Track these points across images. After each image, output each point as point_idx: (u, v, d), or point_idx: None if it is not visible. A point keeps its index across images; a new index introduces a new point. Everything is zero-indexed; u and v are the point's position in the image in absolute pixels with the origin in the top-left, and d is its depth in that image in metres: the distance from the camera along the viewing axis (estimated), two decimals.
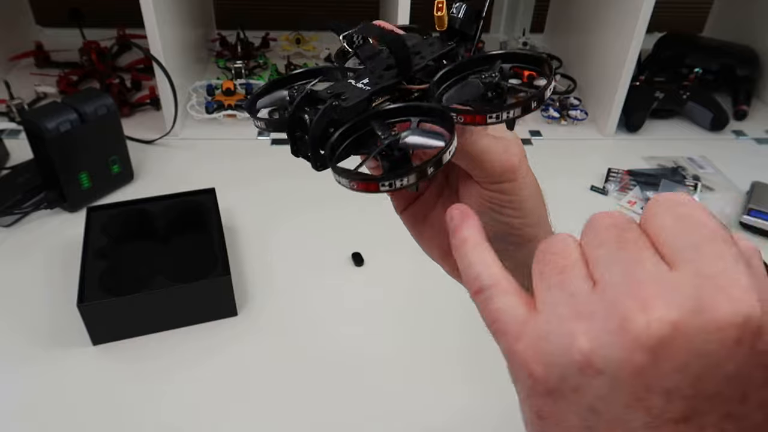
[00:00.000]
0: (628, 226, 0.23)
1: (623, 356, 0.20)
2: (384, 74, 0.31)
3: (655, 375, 0.20)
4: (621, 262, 0.22)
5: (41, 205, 0.80)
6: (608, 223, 0.23)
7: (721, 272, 0.21)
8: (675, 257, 0.21)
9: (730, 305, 0.20)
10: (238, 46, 1.22)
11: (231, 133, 1.00)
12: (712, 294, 0.20)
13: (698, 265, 0.21)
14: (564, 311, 0.22)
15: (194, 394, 0.60)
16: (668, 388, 0.20)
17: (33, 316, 0.66)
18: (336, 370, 0.63)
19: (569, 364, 0.22)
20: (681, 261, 0.21)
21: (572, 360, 0.21)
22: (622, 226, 0.23)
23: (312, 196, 0.84)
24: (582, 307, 0.22)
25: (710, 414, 0.21)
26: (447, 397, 0.60)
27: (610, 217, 0.24)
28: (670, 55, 1.21)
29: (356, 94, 0.29)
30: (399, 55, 0.30)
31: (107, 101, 0.80)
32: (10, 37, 1.17)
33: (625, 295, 0.21)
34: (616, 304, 0.21)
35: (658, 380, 0.20)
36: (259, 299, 0.70)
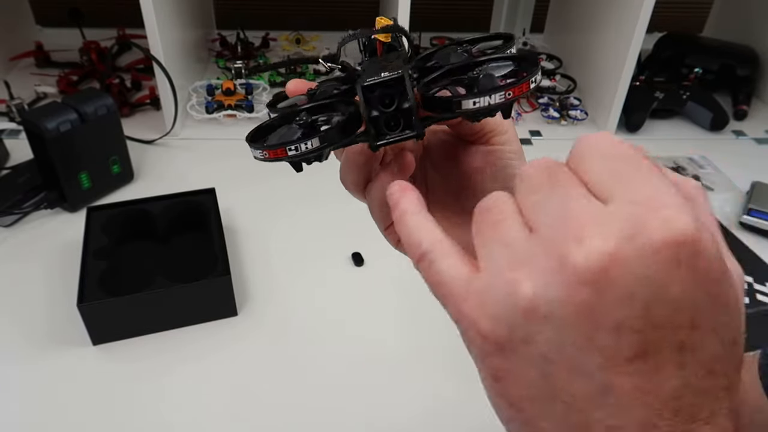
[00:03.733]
0: (558, 168, 0.23)
1: (566, 294, 0.20)
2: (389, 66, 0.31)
3: (601, 310, 0.20)
4: (554, 203, 0.22)
5: (41, 205, 0.80)
6: (537, 168, 0.23)
7: (650, 197, 0.20)
8: (605, 193, 0.21)
9: (663, 226, 0.19)
10: (238, 46, 1.22)
11: (231, 133, 1.00)
12: (645, 218, 0.20)
13: (628, 195, 0.21)
14: (503, 262, 0.22)
15: (194, 394, 0.60)
16: (616, 321, 0.20)
17: (33, 316, 0.66)
18: (336, 370, 0.63)
19: (515, 313, 0.21)
20: (611, 195, 0.21)
21: (517, 308, 0.21)
22: (552, 168, 0.23)
23: (312, 196, 0.84)
24: (520, 255, 0.22)
25: (664, 347, 0.20)
26: (448, 396, 0.60)
27: (538, 163, 0.24)
28: (670, 55, 1.21)
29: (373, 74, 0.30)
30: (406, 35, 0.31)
31: (107, 101, 0.80)
32: (10, 37, 1.17)
33: (561, 233, 0.21)
34: (553, 243, 0.21)
35: (606, 315, 0.20)
36: (259, 299, 0.70)
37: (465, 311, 0.23)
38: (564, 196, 0.22)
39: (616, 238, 0.20)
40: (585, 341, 0.20)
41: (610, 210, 0.21)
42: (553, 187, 0.22)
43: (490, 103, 0.27)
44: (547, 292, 0.20)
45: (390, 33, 0.32)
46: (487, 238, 0.23)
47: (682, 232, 0.19)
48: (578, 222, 0.21)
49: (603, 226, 0.20)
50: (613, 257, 0.19)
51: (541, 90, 1.13)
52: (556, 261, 0.20)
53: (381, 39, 0.32)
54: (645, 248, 0.19)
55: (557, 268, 0.20)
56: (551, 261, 0.20)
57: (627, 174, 0.21)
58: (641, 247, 0.19)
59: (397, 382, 0.62)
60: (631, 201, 0.20)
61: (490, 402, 0.24)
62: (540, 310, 0.21)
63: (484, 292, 0.22)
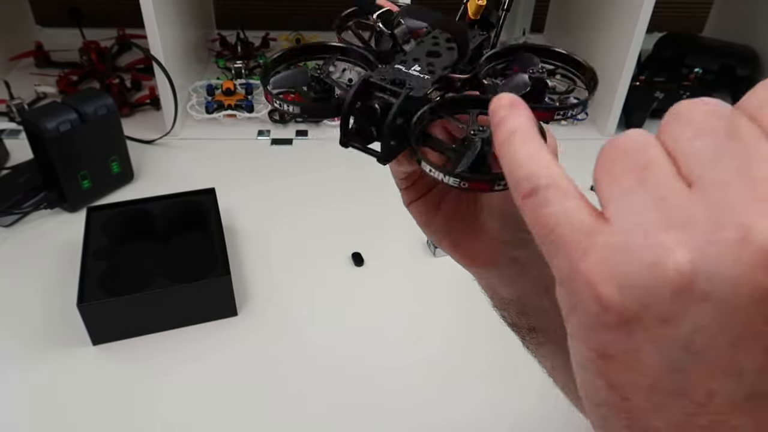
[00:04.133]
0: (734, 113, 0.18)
1: (740, 273, 0.16)
2: (433, 61, 0.30)
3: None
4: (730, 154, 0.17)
5: (41, 205, 0.80)
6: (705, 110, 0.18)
7: None
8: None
9: None
10: (238, 46, 1.22)
11: (231, 133, 1.00)
12: None
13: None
14: (651, 218, 0.17)
15: (194, 394, 0.60)
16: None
17: (33, 316, 0.66)
18: (336, 370, 0.63)
19: (659, 286, 0.17)
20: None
21: (664, 279, 0.16)
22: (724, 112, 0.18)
23: (312, 195, 0.84)
24: (677, 213, 0.17)
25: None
26: (448, 395, 0.60)
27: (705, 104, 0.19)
28: (670, 55, 1.21)
29: (420, 84, 0.29)
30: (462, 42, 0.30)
31: (107, 101, 0.80)
32: (10, 37, 1.17)
33: (743, 196, 0.16)
34: (729, 208, 0.16)
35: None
36: (259, 299, 0.70)
37: (582, 269, 0.18)
38: (744, 148, 0.17)
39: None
40: (750, 335, 0.16)
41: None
42: (732, 136, 0.17)
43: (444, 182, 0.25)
44: (712, 267, 0.16)
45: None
46: (629, 186, 0.18)
47: None
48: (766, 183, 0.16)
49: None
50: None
51: None
52: (734, 230, 0.16)
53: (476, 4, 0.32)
54: None
55: (734, 240, 0.16)
56: (726, 229, 0.16)
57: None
58: None
59: (397, 382, 0.62)
60: None
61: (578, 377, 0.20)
62: (697, 288, 0.16)
63: (615, 251, 0.17)
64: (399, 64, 0.30)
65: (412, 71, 0.30)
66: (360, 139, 0.29)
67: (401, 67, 0.30)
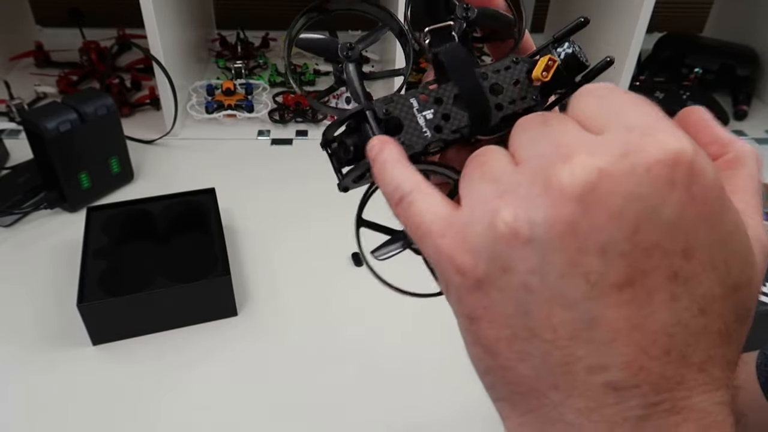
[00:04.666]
0: (552, 114, 0.22)
1: (550, 213, 0.19)
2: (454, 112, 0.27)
3: (587, 229, 0.18)
4: (545, 137, 0.21)
5: (41, 205, 0.80)
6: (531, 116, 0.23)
7: (647, 124, 0.19)
8: (600, 124, 0.20)
9: (657, 145, 0.18)
10: (238, 46, 1.22)
11: (231, 133, 1.00)
12: (638, 139, 0.19)
13: (623, 123, 0.20)
14: (487, 194, 0.21)
15: (194, 394, 0.60)
16: (603, 243, 0.18)
17: (33, 316, 0.66)
18: (336, 370, 0.63)
19: (494, 241, 0.20)
20: (606, 125, 0.20)
21: (497, 234, 0.20)
22: (546, 113, 0.22)
23: (312, 195, 0.84)
24: (506, 186, 0.20)
25: (654, 275, 0.19)
26: (450, 394, 0.60)
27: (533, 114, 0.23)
28: (670, 55, 1.21)
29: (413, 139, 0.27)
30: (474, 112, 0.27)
31: (107, 101, 0.80)
32: (10, 37, 1.17)
33: (548, 159, 0.20)
34: (539, 169, 0.20)
35: (592, 236, 0.18)
36: (259, 299, 0.70)
37: (443, 247, 0.22)
38: (555, 131, 0.21)
39: (607, 156, 0.19)
40: (570, 266, 0.19)
41: (602, 137, 0.20)
42: (545, 125, 0.21)
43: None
44: (529, 214, 0.19)
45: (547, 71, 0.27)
46: (474, 177, 0.22)
47: (676, 151, 0.18)
48: (568, 147, 0.19)
49: (594, 148, 0.19)
50: (602, 172, 0.18)
51: None
52: (541, 184, 0.19)
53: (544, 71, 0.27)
54: (637, 165, 0.18)
55: (542, 191, 0.19)
56: (536, 185, 0.19)
57: (623, 108, 0.21)
58: (633, 163, 0.18)
59: (398, 382, 0.62)
60: (625, 127, 0.19)
61: (468, 355, 0.23)
62: (521, 234, 0.19)
63: (464, 226, 0.21)
64: (414, 98, 0.27)
65: (420, 116, 0.27)
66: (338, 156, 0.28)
67: (414, 103, 0.27)
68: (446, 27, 0.28)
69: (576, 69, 0.27)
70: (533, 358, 0.20)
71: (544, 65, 0.26)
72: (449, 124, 0.27)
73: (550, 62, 0.26)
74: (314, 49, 0.30)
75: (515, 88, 0.27)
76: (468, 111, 0.27)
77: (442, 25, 0.28)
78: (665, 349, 0.19)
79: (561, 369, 0.20)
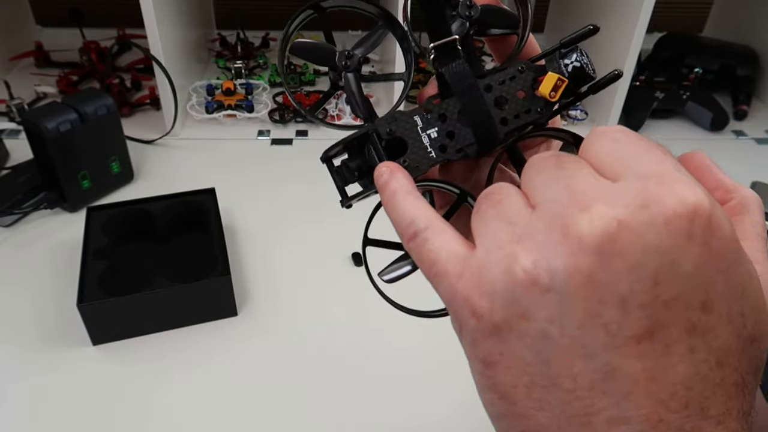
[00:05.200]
0: (566, 155, 0.22)
1: (569, 263, 0.19)
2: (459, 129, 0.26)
3: (607, 281, 0.19)
4: (560, 182, 0.21)
5: (41, 205, 0.80)
6: (544, 155, 0.23)
7: (662, 173, 0.19)
8: (615, 172, 0.20)
9: (676, 197, 0.19)
10: (238, 46, 1.22)
11: (231, 133, 1.00)
12: (656, 190, 0.19)
13: (639, 171, 0.20)
14: (502, 237, 0.21)
15: (195, 394, 0.60)
16: (623, 294, 0.18)
17: (33, 316, 0.66)
18: (337, 370, 0.63)
19: (513, 287, 0.20)
20: (621, 173, 0.20)
21: (515, 281, 0.20)
22: (559, 155, 0.22)
23: (312, 195, 0.84)
24: (523, 230, 0.20)
25: (673, 326, 0.19)
26: (450, 394, 0.60)
27: (546, 152, 0.23)
28: (670, 55, 1.21)
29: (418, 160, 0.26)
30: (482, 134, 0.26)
31: (107, 101, 0.80)
32: (10, 37, 1.17)
33: (566, 206, 0.20)
34: (557, 216, 0.20)
35: (612, 287, 0.19)
36: (259, 299, 0.70)
37: (459, 289, 0.21)
38: (570, 176, 0.21)
39: (624, 207, 0.19)
40: (589, 316, 0.19)
41: (619, 185, 0.20)
42: (560, 168, 0.21)
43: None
44: (548, 263, 0.19)
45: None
46: (487, 217, 0.22)
47: (695, 204, 0.18)
48: (585, 195, 0.19)
49: (611, 197, 0.19)
50: (622, 224, 0.18)
51: None
52: (560, 231, 0.19)
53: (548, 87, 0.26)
54: (656, 217, 0.18)
55: (560, 239, 0.19)
56: (554, 232, 0.19)
57: (638, 154, 0.21)
58: (652, 215, 0.18)
59: (398, 383, 0.62)
60: (641, 176, 0.20)
61: (481, 399, 0.23)
62: (541, 282, 0.19)
63: (480, 269, 0.21)
64: (418, 116, 0.27)
65: (424, 135, 0.27)
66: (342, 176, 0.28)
67: (418, 121, 0.27)
68: (451, 42, 0.27)
69: (582, 80, 0.27)
70: (552, 408, 0.20)
71: (553, 84, 0.26)
72: (454, 143, 0.27)
73: (559, 82, 0.26)
74: (311, 56, 0.29)
75: (520, 100, 0.27)
76: (472, 129, 0.26)
77: (447, 41, 0.27)
78: (684, 403, 0.19)
79: (580, 420, 0.20)
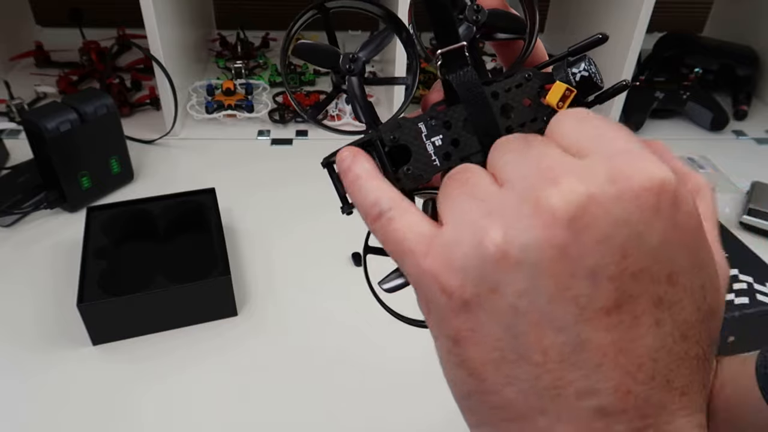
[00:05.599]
0: (532, 135, 0.22)
1: (541, 236, 0.19)
2: (463, 137, 0.26)
3: (577, 254, 0.19)
4: (529, 158, 0.21)
5: (41, 205, 0.80)
6: (510, 136, 0.23)
7: (629, 150, 0.20)
8: (582, 148, 0.21)
9: (643, 173, 0.19)
10: (238, 46, 1.22)
11: (231, 133, 1.00)
12: (624, 166, 0.19)
13: (606, 149, 0.20)
14: (471, 214, 0.21)
15: (194, 394, 0.60)
16: (593, 267, 0.19)
17: (33, 316, 0.66)
18: (337, 370, 0.63)
19: (483, 262, 0.20)
20: (588, 151, 0.20)
21: (486, 255, 0.20)
22: (526, 135, 0.22)
23: (312, 195, 0.84)
24: (489, 206, 0.20)
25: (641, 298, 0.19)
26: (451, 396, 0.60)
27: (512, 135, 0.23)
28: (670, 55, 1.21)
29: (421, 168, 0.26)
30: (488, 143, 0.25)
31: (107, 101, 0.80)
32: (10, 37, 1.17)
33: (536, 180, 0.20)
34: (527, 190, 0.20)
35: (581, 259, 0.19)
36: (259, 299, 0.70)
37: (426, 267, 0.21)
38: (539, 153, 0.21)
39: (594, 182, 0.19)
40: (560, 289, 0.19)
41: (587, 161, 0.20)
42: (528, 146, 0.21)
43: None
44: (519, 236, 0.19)
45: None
46: (454, 195, 0.22)
47: (661, 180, 0.19)
48: (554, 170, 0.20)
49: (580, 172, 0.19)
50: (591, 198, 0.19)
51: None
52: (531, 204, 0.19)
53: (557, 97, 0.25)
54: (624, 192, 0.19)
55: (532, 212, 0.19)
56: (525, 206, 0.19)
57: (604, 133, 0.21)
58: (620, 190, 0.19)
59: (399, 381, 0.62)
60: (608, 153, 0.20)
61: (446, 379, 0.23)
62: (511, 256, 0.19)
63: (449, 245, 0.21)
64: (423, 124, 0.26)
65: (429, 143, 0.26)
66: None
67: (423, 129, 0.26)
68: (459, 48, 0.26)
69: (589, 90, 0.26)
70: (521, 382, 0.20)
71: (561, 95, 0.25)
72: (458, 151, 0.26)
73: (568, 92, 0.25)
74: (314, 57, 0.29)
75: (526, 109, 0.26)
76: (478, 138, 0.26)
77: (455, 47, 0.26)
78: (650, 374, 0.19)
79: (550, 393, 0.20)
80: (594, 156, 0.20)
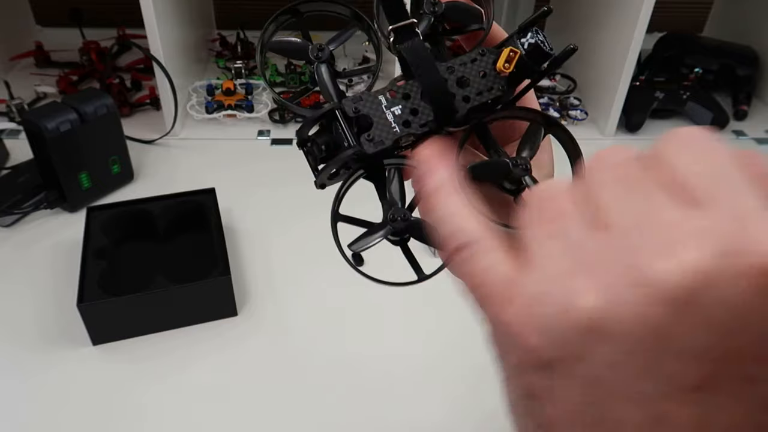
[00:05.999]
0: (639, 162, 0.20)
1: (638, 313, 0.17)
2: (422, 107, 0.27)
3: (675, 334, 0.17)
4: (632, 203, 0.19)
5: (41, 205, 0.80)
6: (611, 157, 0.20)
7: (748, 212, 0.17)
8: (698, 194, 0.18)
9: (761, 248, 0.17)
10: (238, 46, 1.22)
11: (231, 133, 1.00)
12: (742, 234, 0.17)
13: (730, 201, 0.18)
14: (562, 264, 0.19)
15: (194, 395, 0.60)
16: (689, 347, 0.17)
17: (33, 316, 0.66)
18: (337, 370, 0.63)
19: (570, 329, 0.18)
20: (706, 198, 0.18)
21: (574, 323, 0.18)
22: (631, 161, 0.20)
23: (312, 195, 0.84)
24: (585, 258, 0.18)
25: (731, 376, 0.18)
26: (450, 396, 0.60)
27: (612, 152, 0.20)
28: (670, 55, 1.21)
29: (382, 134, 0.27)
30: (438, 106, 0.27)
31: (107, 101, 0.80)
32: (10, 37, 1.17)
33: (641, 238, 0.18)
34: (630, 250, 0.18)
35: (679, 338, 0.17)
36: (259, 299, 0.70)
37: (507, 319, 0.20)
38: (647, 195, 0.18)
39: (713, 250, 0.17)
40: (649, 366, 0.18)
41: (703, 219, 0.17)
42: (635, 182, 0.19)
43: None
44: (614, 307, 0.17)
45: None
46: (544, 234, 0.20)
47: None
48: (660, 229, 0.17)
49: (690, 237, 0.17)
50: (701, 275, 0.17)
51: (541, 90, 1.13)
52: (633, 272, 0.17)
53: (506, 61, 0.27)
54: (739, 272, 0.17)
55: (632, 281, 0.17)
56: (626, 271, 0.17)
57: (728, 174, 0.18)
58: (735, 269, 0.17)
59: (399, 382, 0.62)
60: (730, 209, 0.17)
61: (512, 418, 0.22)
62: (603, 328, 0.18)
63: (534, 299, 0.19)
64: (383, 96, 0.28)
65: (389, 112, 0.27)
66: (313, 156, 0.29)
67: (383, 101, 0.27)
68: (409, 24, 0.28)
69: (540, 58, 0.28)
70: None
71: (506, 57, 0.27)
72: (417, 119, 0.27)
73: (512, 53, 0.27)
74: (286, 51, 0.32)
75: (482, 80, 0.28)
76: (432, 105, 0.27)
77: (405, 23, 0.28)
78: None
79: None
80: (711, 209, 0.18)
